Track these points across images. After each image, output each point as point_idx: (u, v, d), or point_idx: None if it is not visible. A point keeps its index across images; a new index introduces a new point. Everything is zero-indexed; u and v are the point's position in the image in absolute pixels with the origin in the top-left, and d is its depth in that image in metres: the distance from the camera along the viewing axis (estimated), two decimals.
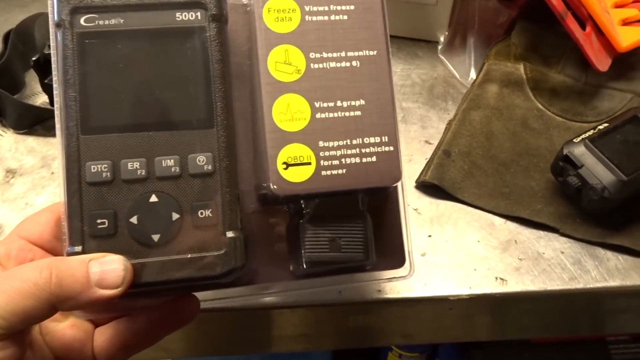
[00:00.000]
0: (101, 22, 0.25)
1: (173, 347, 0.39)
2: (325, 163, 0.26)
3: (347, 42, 0.27)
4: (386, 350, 0.68)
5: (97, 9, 0.25)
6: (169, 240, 0.24)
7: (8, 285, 0.21)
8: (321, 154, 0.26)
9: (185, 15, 0.25)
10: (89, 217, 0.24)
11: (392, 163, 0.27)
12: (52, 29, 0.25)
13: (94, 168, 0.24)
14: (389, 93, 0.27)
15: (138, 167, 0.24)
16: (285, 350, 0.41)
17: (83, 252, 0.23)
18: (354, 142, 0.26)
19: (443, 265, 0.36)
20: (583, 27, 0.42)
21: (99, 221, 0.24)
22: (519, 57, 0.45)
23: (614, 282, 0.35)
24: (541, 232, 0.38)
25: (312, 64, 0.27)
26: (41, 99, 0.45)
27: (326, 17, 0.27)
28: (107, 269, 0.22)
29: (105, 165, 0.24)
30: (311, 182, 0.26)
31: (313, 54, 0.27)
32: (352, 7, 0.27)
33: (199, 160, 0.25)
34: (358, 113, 0.27)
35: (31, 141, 0.43)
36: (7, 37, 0.46)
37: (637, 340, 0.65)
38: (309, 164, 0.26)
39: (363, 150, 0.26)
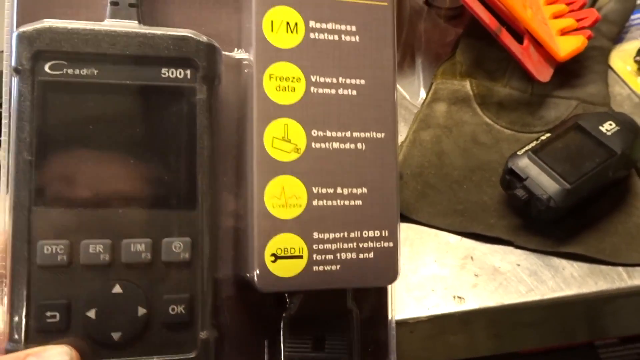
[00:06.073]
0: (70, 72, 0.21)
1: None
2: (318, 257, 0.23)
3: (354, 120, 0.24)
4: None
5: (67, 55, 0.21)
6: (132, 339, 0.21)
7: None
8: (314, 246, 0.23)
9: (172, 73, 0.22)
10: (37, 307, 0.20)
11: (390, 261, 0.24)
12: (5, 77, 0.21)
13: (47, 249, 0.20)
14: (393, 182, 0.24)
15: (101, 250, 0.21)
16: None
17: (25, 349, 0.20)
18: (352, 235, 0.24)
19: (401, 289, 0.36)
20: (521, 41, 0.43)
21: (48, 314, 0.20)
22: (464, 74, 0.46)
23: (570, 291, 0.35)
24: (497, 247, 0.38)
25: (313, 143, 0.23)
26: None
27: (333, 91, 0.24)
28: None
29: (62, 247, 0.20)
30: (301, 278, 0.23)
31: (315, 131, 0.23)
32: (363, 82, 0.24)
33: (175, 247, 0.21)
34: (359, 202, 0.24)
35: None
36: None
37: (626, 343, 0.65)
38: (300, 257, 0.23)
39: (361, 245, 0.24)
